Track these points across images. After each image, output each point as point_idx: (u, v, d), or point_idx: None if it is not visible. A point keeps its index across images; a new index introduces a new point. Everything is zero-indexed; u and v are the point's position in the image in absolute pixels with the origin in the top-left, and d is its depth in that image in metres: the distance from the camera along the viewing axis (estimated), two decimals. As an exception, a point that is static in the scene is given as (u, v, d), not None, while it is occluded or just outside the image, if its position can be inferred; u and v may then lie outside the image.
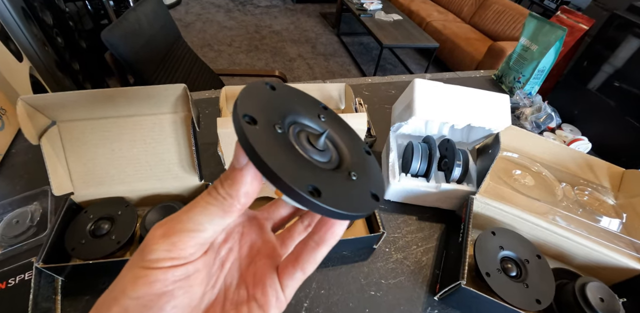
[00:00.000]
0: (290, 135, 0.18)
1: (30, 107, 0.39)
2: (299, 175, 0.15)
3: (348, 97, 0.59)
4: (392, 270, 0.44)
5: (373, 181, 0.18)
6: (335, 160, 0.19)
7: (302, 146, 0.18)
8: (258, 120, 0.16)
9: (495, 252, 0.43)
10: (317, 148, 0.18)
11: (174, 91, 0.41)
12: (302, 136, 0.18)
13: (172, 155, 0.46)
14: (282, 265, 0.19)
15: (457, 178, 0.51)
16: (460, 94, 0.51)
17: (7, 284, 0.36)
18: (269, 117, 0.17)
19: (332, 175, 0.17)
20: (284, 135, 0.17)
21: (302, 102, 0.21)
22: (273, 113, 0.18)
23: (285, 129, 0.18)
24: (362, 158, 0.20)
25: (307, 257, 0.19)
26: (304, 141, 0.18)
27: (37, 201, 0.49)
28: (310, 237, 0.19)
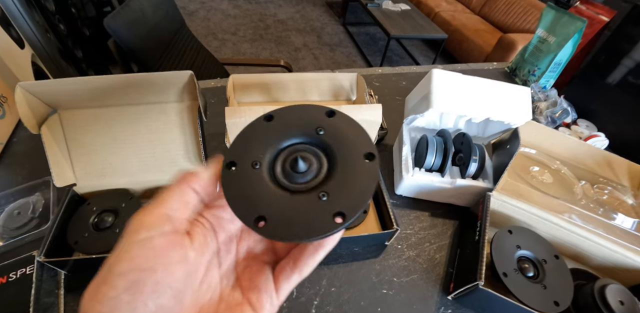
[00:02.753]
0: (264, 169, 0.20)
1: (30, 94, 0.37)
2: (248, 207, 0.19)
3: (360, 88, 0.56)
4: (405, 267, 0.42)
5: (348, 199, 0.19)
6: (317, 179, 0.20)
7: (277, 175, 0.20)
8: (239, 162, 0.20)
9: (512, 252, 0.42)
10: (297, 171, 0.20)
11: (180, 78, 0.39)
12: (286, 162, 0.20)
13: (177, 145, 0.44)
14: (279, 268, 0.20)
15: (473, 174, 0.49)
16: (479, 86, 0.49)
17: (8, 278, 0.35)
18: (252, 155, 0.20)
19: (299, 199, 0.19)
20: (259, 171, 0.20)
21: (300, 121, 0.21)
22: (259, 149, 0.21)
23: (268, 161, 0.20)
24: (353, 170, 0.20)
25: (306, 260, 0.20)
26: (286, 167, 0.20)
27: (39, 192, 0.47)
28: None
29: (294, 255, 0.20)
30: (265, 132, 0.21)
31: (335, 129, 0.21)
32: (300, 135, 0.21)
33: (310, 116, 0.21)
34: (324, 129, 0.21)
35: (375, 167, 0.19)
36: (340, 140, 0.20)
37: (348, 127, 0.21)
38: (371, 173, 0.19)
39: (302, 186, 0.20)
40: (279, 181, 0.20)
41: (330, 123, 0.21)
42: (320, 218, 0.18)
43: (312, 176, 0.20)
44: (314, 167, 0.20)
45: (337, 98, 0.59)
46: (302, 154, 0.20)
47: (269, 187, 0.19)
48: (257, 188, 0.19)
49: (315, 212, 0.18)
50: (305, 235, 0.18)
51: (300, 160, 0.20)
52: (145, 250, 0.16)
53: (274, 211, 0.18)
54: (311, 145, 0.21)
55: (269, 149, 0.21)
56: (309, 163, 0.20)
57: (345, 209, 0.18)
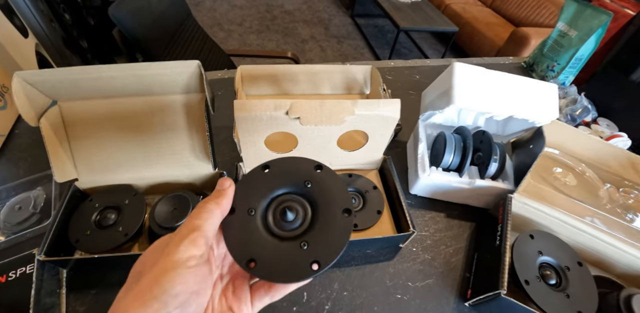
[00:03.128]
0: (258, 216, 0.23)
1: (28, 84, 0.35)
2: (242, 250, 0.22)
3: (374, 81, 0.54)
4: (420, 271, 0.40)
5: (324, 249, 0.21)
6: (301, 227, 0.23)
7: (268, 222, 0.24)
8: (237, 208, 0.23)
9: (534, 258, 0.40)
10: (285, 220, 0.23)
11: (187, 69, 0.37)
12: (277, 211, 0.24)
13: (183, 140, 0.42)
14: (255, 288, 0.23)
15: (492, 175, 0.47)
16: (503, 81, 0.46)
17: (8, 278, 0.33)
18: (249, 202, 0.24)
19: (284, 245, 0.22)
20: (253, 217, 0.23)
21: (292, 172, 0.25)
22: (255, 197, 0.24)
23: (262, 209, 0.24)
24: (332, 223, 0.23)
25: (278, 288, 0.23)
26: (277, 215, 0.24)
27: (40, 186, 0.46)
28: None
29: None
30: (261, 181, 0.25)
31: (321, 183, 0.24)
32: (291, 186, 0.24)
33: (301, 168, 0.25)
34: (311, 182, 0.24)
35: (350, 222, 0.23)
36: (324, 194, 0.24)
37: (331, 182, 0.24)
38: (346, 227, 0.22)
39: (288, 233, 0.23)
40: (269, 227, 0.23)
41: (317, 177, 0.24)
42: (299, 265, 0.21)
43: (297, 224, 0.23)
44: (299, 217, 0.23)
45: (350, 91, 0.56)
46: (290, 205, 0.24)
47: (261, 232, 0.23)
48: (251, 234, 0.23)
49: (295, 259, 0.21)
50: (285, 278, 0.21)
51: (288, 211, 0.23)
52: (194, 276, 0.18)
53: (263, 255, 0.22)
54: (299, 195, 0.24)
55: (264, 198, 0.24)
56: (296, 213, 0.23)
57: (321, 258, 0.21)
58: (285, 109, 0.38)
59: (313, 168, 0.25)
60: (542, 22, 2.29)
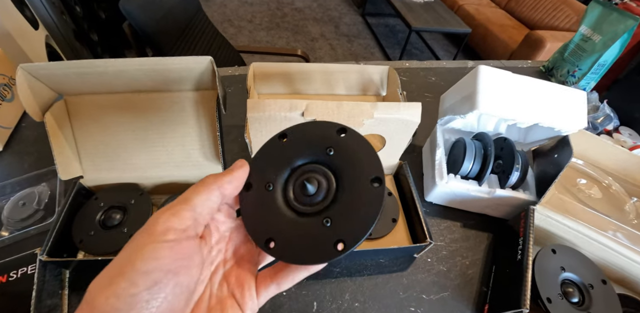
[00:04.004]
0: (277, 190, 0.21)
1: (33, 78, 0.34)
2: (260, 229, 0.20)
3: (392, 82, 0.52)
4: (435, 283, 0.39)
5: (350, 226, 0.19)
6: (325, 201, 0.20)
7: (289, 197, 0.21)
8: (254, 183, 0.22)
9: (556, 274, 0.38)
10: (306, 194, 0.20)
11: (198, 65, 0.35)
12: (296, 184, 0.21)
13: (192, 139, 0.40)
14: (261, 276, 0.21)
15: (514, 184, 0.45)
16: (530, 87, 0.44)
17: (9, 278, 0.32)
18: (266, 176, 0.22)
19: (304, 222, 0.20)
20: (272, 193, 0.21)
21: (312, 139, 0.22)
22: (272, 170, 0.22)
23: (281, 182, 0.22)
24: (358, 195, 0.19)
25: (286, 275, 0.20)
26: (297, 188, 0.21)
27: (45, 182, 0.44)
28: None
29: (278, 267, 0.21)
30: (278, 152, 0.22)
31: (345, 149, 0.21)
32: (311, 154, 0.22)
33: (322, 134, 0.22)
34: (333, 149, 0.21)
35: (381, 193, 0.19)
36: (349, 162, 0.21)
37: (358, 147, 0.21)
38: (376, 199, 0.19)
39: (310, 208, 0.20)
40: (290, 203, 0.21)
41: (341, 142, 0.21)
42: (322, 245, 0.18)
43: (321, 198, 0.20)
44: (322, 189, 0.20)
45: (366, 92, 0.54)
46: (310, 177, 0.21)
47: (280, 209, 0.21)
48: (269, 211, 0.21)
49: (318, 238, 0.19)
50: (307, 260, 0.19)
51: (308, 184, 0.20)
52: (172, 252, 0.16)
53: (283, 234, 0.20)
54: (321, 165, 0.21)
55: (282, 170, 0.22)
56: (317, 185, 0.21)
57: (346, 237, 0.18)
58: (301, 110, 0.36)
59: (335, 132, 0.22)
60: (557, 25, 2.24)
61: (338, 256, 0.18)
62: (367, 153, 0.21)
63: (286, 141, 0.22)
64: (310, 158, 0.22)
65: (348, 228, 0.18)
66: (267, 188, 0.21)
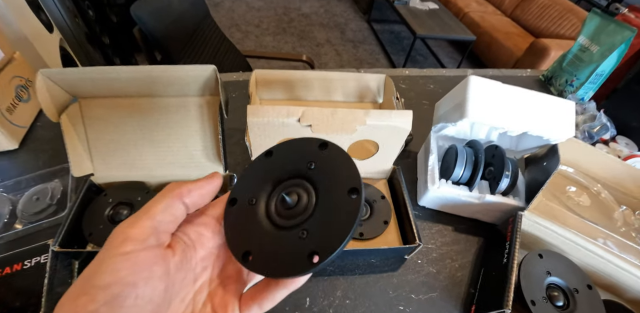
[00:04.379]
0: (261, 205, 0.21)
1: (51, 82, 0.37)
2: (239, 242, 0.20)
3: (388, 90, 0.54)
4: (424, 284, 0.40)
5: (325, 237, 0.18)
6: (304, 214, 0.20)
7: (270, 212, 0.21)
8: (238, 199, 0.22)
9: (542, 278, 0.39)
10: (286, 207, 0.20)
11: (203, 72, 0.38)
12: (278, 198, 0.21)
13: (196, 141, 0.43)
14: (244, 297, 0.21)
15: (503, 191, 0.46)
16: (519, 96, 0.46)
17: (23, 266, 0.34)
18: (250, 192, 0.22)
19: (282, 235, 0.20)
20: (254, 207, 0.21)
21: (295, 155, 0.22)
22: (257, 186, 0.22)
23: (264, 197, 0.22)
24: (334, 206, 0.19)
25: (266, 295, 0.20)
26: (278, 202, 0.21)
27: (58, 178, 0.47)
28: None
29: (258, 287, 0.21)
30: (264, 168, 0.23)
31: (325, 162, 0.21)
32: (293, 170, 0.22)
33: (304, 149, 0.22)
34: (314, 163, 0.21)
35: (357, 203, 0.19)
36: (328, 175, 0.21)
37: (337, 160, 0.21)
38: (352, 210, 0.19)
39: (289, 222, 0.20)
40: (270, 216, 0.21)
41: (322, 156, 0.21)
42: (297, 257, 0.18)
43: (300, 211, 0.20)
44: (302, 202, 0.20)
45: (363, 100, 0.57)
46: (290, 191, 0.21)
47: (261, 223, 0.21)
48: (250, 225, 0.21)
49: (293, 250, 0.19)
50: (282, 273, 0.18)
51: (286, 197, 0.20)
52: (129, 263, 0.16)
53: (260, 247, 0.20)
54: (303, 179, 0.21)
55: (265, 186, 0.22)
56: (298, 198, 0.20)
57: (320, 248, 0.18)
58: (297, 117, 0.38)
59: (317, 147, 0.22)
60: (563, 34, 2.25)
61: (312, 268, 0.17)
62: (345, 165, 0.20)
63: (272, 158, 0.23)
64: (292, 173, 0.22)
65: (322, 239, 0.18)
66: (250, 203, 0.21)
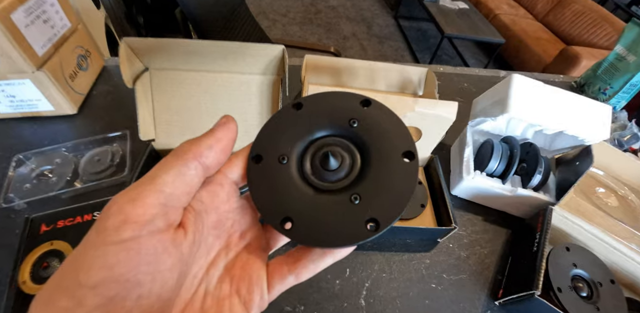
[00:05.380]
0: (292, 164, 0.18)
1: (130, 50, 0.40)
2: (274, 208, 0.17)
3: (429, 83, 0.56)
4: (455, 266, 0.43)
5: (383, 204, 0.17)
6: (349, 177, 0.18)
7: (306, 172, 0.19)
8: (265, 156, 0.19)
9: (568, 269, 0.41)
10: (327, 169, 0.18)
11: (271, 52, 0.40)
12: (316, 157, 0.19)
13: (253, 116, 0.46)
14: (275, 264, 0.18)
15: (535, 186, 0.48)
16: (558, 96, 0.47)
17: (93, 217, 0.38)
18: (280, 148, 0.19)
19: (328, 200, 0.17)
20: (286, 166, 0.18)
21: (332, 110, 0.19)
22: (287, 142, 0.19)
23: (297, 155, 0.19)
24: (390, 170, 0.17)
25: (307, 264, 0.17)
26: (316, 163, 0.18)
27: (116, 143, 0.51)
28: None
29: (296, 254, 0.18)
30: (294, 122, 0.19)
31: (371, 121, 0.19)
32: (332, 126, 0.19)
33: (344, 105, 0.19)
34: (358, 121, 0.19)
35: (414, 168, 0.17)
36: (376, 135, 0.18)
37: (385, 120, 0.19)
38: (410, 174, 0.17)
39: (333, 185, 0.18)
40: (307, 178, 0.18)
41: (366, 114, 0.19)
42: (352, 224, 0.16)
43: (344, 174, 0.18)
44: (346, 164, 0.18)
45: (404, 91, 0.59)
46: (333, 149, 0.18)
47: (297, 185, 0.18)
48: (285, 187, 0.18)
49: (346, 217, 0.17)
50: (334, 242, 0.16)
51: (331, 156, 0.18)
52: (129, 255, 0.12)
53: (302, 213, 0.17)
54: (344, 138, 0.19)
55: (298, 142, 0.19)
56: (341, 159, 0.18)
57: (379, 216, 0.16)
58: (355, 99, 0.40)
59: (359, 103, 0.19)
60: (595, 43, 2.21)
61: (370, 237, 0.16)
62: (396, 126, 0.18)
63: (302, 111, 0.20)
64: (331, 131, 0.19)
65: (380, 206, 0.16)
66: (280, 161, 0.18)
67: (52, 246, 0.34)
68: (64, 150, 0.50)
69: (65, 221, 0.38)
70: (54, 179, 0.46)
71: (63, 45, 0.55)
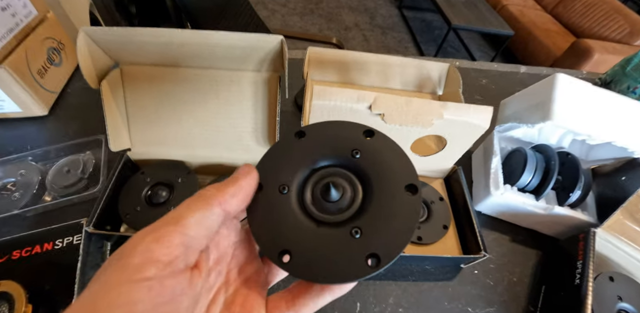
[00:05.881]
0: (293, 194, 0.18)
1: (93, 42, 0.32)
2: (273, 239, 0.17)
3: (451, 82, 0.49)
4: (481, 297, 0.37)
5: (385, 239, 0.16)
6: (350, 210, 0.18)
7: (306, 203, 0.18)
8: (265, 184, 0.18)
9: (613, 303, 0.35)
10: (328, 200, 0.18)
11: (267, 44, 0.33)
12: (317, 188, 0.18)
13: (246, 121, 0.39)
14: (274, 301, 0.18)
15: (572, 203, 0.42)
16: (609, 101, 0.41)
17: (54, 246, 0.32)
18: (281, 177, 0.19)
19: (328, 233, 0.17)
20: (287, 197, 0.18)
21: (335, 140, 0.19)
22: (289, 171, 0.19)
23: (297, 186, 0.19)
24: (392, 204, 0.17)
25: (306, 301, 0.17)
26: (317, 193, 0.18)
27: (90, 150, 0.44)
28: None
29: (295, 291, 0.18)
30: (295, 151, 0.19)
31: (373, 153, 0.19)
32: (334, 157, 0.19)
33: (347, 135, 0.19)
34: (360, 152, 0.19)
35: (417, 202, 0.17)
36: (379, 167, 0.18)
37: (388, 152, 0.19)
38: (413, 209, 0.17)
39: (333, 217, 0.18)
40: (308, 209, 0.18)
41: (369, 145, 0.19)
42: (352, 259, 0.16)
43: (345, 206, 0.18)
44: (347, 196, 0.18)
45: (422, 89, 0.52)
46: (334, 180, 0.18)
47: (297, 216, 0.18)
48: (284, 218, 0.18)
49: (346, 251, 0.16)
50: (332, 277, 0.16)
51: (333, 188, 0.18)
52: (151, 293, 0.12)
53: (301, 246, 0.17)
54: (346, 169, 0.19)
55: (299, 172, 0.19)
56: (342, 191, 0.18)
57: (381, 251, 0.16)
58: (369, 102, 0.34)
59: (362, 134, 0.19)
60: (607, 36, 2.11)
61: (371, 273, 0.15)
62: (399, 158, 0.18)
63: (304, 140, 0.19)
64: (333, 161, 0.19)
65: (382, 241, 0.16)
66: (281, 191, 0.18)
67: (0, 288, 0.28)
68: (31, 160, 0.43)
69: (22, 251, 0.31)
70: (16, 194, 0.40)
71: (29, 36, 0.47)
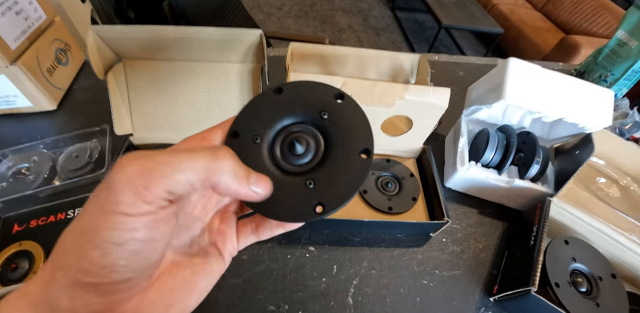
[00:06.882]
0: (264, 145, 0.21)
1: (100, 39, 0.37)
2: None
3: (422, 71, 0.53)
4: (448, 262, 0.41)
5: (332, 191, 0.19)
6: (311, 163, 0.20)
7: (275, 154, 0.21)
8: (242, 133, 0.21)
9: (567, 263, 0.39)
10: (294, 153, 0.20)
11: (248, 37, 0.38)
12: (285, 142, 0.21)
13: (233, 107, 0.43)
14: (242, 225, 0.21)
15: (532, 177, 0.46)
16: (558, 81, 0.45)
17: (67, 215, 0.36)
18: (254, 128, 0.21)
19: (288, 180, 0.20)
20: (258, 145, 0.20)
21: (307, 99, 0.21)
22: (262, 123, 0.21)
23: (269, 137, 0.21)
24: (346, 163, 0.20)
25: (265, 230, 0.21)
26: (285, 146, 0.21)
27: (95, 138, 0.49)
28: None
29: (258, 220, 0.21)
30: (272, 105, 0.21)
31: (339, 115, 0.21)
32: (305, 115, 0.21)
33: (319, 96, 0.21)
34: (328, 113, 0.21)
35: (367, 164, 0.19)
36: (341, 129, 0.20)
37: (353, 116, 0.21)
38: (363, 169, 0.19)
39: (295, 168, 0.20)
40: (275, 159, 0.21)
41: (337, 107, 0.21)
42: (302, 205, 0.19)
43: (307, 159, 0.20)
44: (310, 151, 0.20)
45: (395, 79, 0.56)
46: (300, 136, 0.21)
47: (265, 163, 0.20)
48: (254, 164, 0.20)
49: (299, 198, 0.19)
50: (285, 217, 0.19)
51: (297, 143, 0.20)
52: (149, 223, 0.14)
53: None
54: (314, 127, 0.21)
55: (272, 125, 0.21)
56: (306, 147, 0.20)
57: (327, 201, 0.19)
58: (339, 86, 0.38)
59: (333, 96, 0.21)
60: (595, 32, 2.16)
61: (315, 218, 0.18)
62: (360, 123, 0.20)
63: (281, 96, 0.21)
64: (303, 119, 0.21)
65: (330, 192, 0.19)
66: (254, 141, 0.20)
67: (21, 247, 0.32)
68: (42, 148, 0.48)
69: (38, 220, 0.36)
70: (30, 177, 0.44)
71: (39, 38, 0.53)
